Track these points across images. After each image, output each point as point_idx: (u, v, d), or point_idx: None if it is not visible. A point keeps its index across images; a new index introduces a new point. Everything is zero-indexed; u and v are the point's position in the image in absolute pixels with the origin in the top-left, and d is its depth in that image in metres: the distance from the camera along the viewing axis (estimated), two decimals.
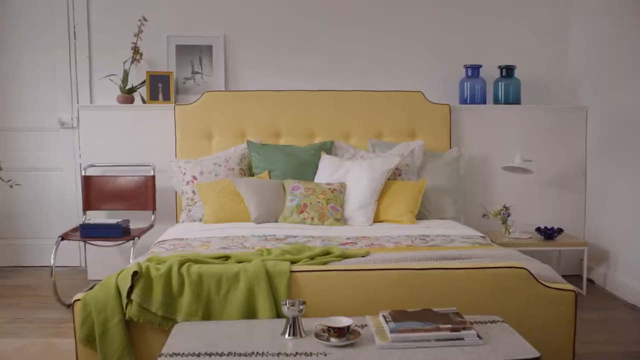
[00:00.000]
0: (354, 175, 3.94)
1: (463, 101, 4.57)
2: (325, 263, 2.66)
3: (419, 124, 4.41)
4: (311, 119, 4.40)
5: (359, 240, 3.28)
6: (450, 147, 4.42)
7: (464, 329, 2.04)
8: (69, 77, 4.79)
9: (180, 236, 3.43)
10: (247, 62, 4.73)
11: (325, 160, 4.12)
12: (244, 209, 3.80)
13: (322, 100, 4.41)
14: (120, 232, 3.91)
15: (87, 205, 4.31)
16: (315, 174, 4.07)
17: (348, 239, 3.33)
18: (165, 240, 3.38)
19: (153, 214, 4.30)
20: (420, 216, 3.96)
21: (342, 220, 3.76)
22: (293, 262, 2.65)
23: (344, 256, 2.78)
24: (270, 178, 4.08)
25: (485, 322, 2.22)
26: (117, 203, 4.30)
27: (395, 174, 4.07)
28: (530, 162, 4.25)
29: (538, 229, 4.22)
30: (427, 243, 3.21)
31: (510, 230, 4.20)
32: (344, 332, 2.04)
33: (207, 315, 2.42)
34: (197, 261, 2.57)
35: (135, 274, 2.43)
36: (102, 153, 4.42)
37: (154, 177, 4.32)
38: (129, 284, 2.40)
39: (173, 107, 4.39)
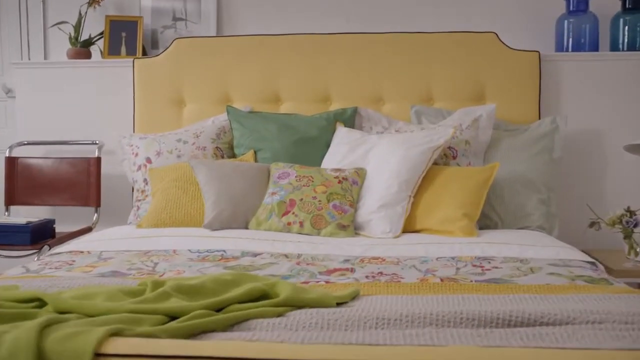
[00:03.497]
0: (378, 155, 2.50)
1: (562, 48, 3.17)
2: (240, 320, 1.26)
3: (490, 82, 3.00)
4: (326, 77, 3.04)
5: (362, 265, 1.90)
6: (540, 117, 2.99)
7: None
8: (18, 29, 3.66)
9: (83, 247, 2.26)
10: (249, 2, 3.40)
11: (341, 135, 2.72)
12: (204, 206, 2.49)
13: (343, 47, 3.03)
14: (28, 238, 2.67)
15: (11, 198, 3.10)
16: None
17: (346, 261, 1.95)
18: (59, 253, 2.21)
19: (96, 211, 3.03)
20: (486, 223, 2.53)
21: (350, 227, 2.31)
22: (173, 318, 1.25)
23: (297, 303, 1.36)
24: (256, 161, 2.73)
25: None
26: (49, 196, 3.07)
27: (447, 156, 2.61)
28: None
29: None
30: (483, 275, 1.75)
31: (638, 250, 2.63)
32: None
33: None
34: None
35: None
36: (43, 127, 3.25)
37: (98, 159, 3.05)
38: None
39: (132, 62, 3.13)
